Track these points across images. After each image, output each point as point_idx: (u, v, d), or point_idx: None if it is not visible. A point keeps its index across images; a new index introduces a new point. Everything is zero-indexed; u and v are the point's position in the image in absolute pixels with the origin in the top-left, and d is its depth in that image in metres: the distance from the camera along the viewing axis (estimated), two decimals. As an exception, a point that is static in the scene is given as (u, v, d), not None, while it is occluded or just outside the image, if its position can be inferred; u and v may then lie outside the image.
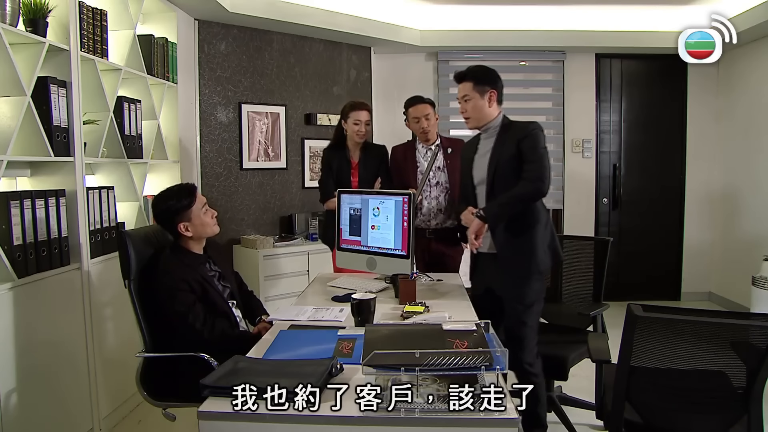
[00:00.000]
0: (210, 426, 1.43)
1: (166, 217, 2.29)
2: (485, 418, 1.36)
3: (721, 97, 5.28)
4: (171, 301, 2.17)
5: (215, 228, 2.37)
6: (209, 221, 2.33)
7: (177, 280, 2.18)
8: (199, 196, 2.34)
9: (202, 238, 2.35)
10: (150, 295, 2.23)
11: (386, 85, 5.40)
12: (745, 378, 1.70)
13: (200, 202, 2.32)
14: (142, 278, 2.25)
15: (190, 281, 2.20)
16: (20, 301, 2.32)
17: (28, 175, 2.65)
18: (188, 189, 2.33)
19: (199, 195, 2.34)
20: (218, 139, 4.32)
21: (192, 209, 2.29)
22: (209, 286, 2.28)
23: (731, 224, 5.16)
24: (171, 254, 2.29)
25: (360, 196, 2.95)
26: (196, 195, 2.33)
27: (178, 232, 2.28)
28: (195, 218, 2.29)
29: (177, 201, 2.28)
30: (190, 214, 2.28)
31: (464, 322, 1.85)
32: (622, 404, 1.80)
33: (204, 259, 2.37)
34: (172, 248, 2.32)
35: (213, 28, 4.22)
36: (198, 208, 2.30)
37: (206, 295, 2.25)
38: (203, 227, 2.31)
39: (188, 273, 2.22)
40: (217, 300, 2.29)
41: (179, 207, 2.27)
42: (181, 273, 2.20)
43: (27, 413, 2.35)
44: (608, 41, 5.11)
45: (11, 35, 2.31)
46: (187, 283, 2.19)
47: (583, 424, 2.88)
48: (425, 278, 2.95)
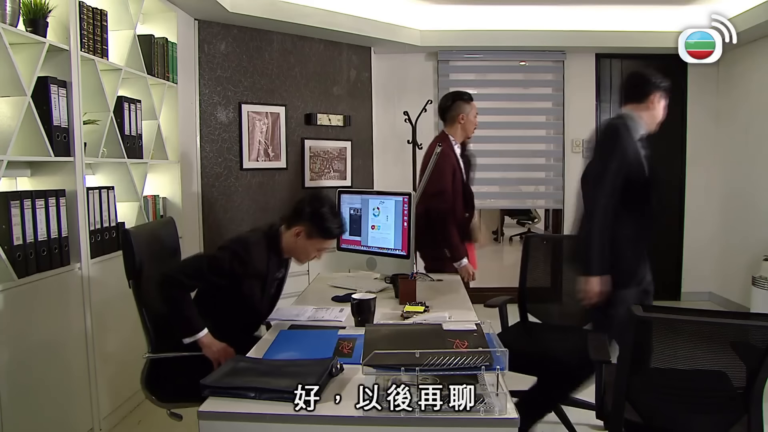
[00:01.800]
0: (210, 426, 1.43)
1: (305, 212, 2.21)
2: (485, 418, 1.37)
3: (721, 97, 5.28)
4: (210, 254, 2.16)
5: (304, 262, 2.34)
6: (309, 255, 2.28)
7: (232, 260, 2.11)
8: (331, 243, 2.32)
9: (291, 253, 2.29)
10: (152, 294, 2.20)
11: (386, 85, 5.40)
12: (745, 378, 1.70)
13: (326, 244, 2.28)
14: None
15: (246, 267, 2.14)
16: (20, 301, 2.31)
17: (28, 175, 2.65)
18: (341, 227, 2.29)
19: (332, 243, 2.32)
20: (218, 139, 4.32)
21: (319, 239, 2.23)
22: (260, 283, 2.22)
23: (731, 224, 5.16)
24: (266, 240, 2.24)
25: (360, 196, 2.95)
26: (333, 241, 2.31)
27: (291, 227, 2.23)
28: (309, 244, 2.23)
29: (329, 221, 2.21)
30: (314, 237, 2.22)
31: (464, 322, 1.85)
32: (622, 404, 1.80)
33: (284, 262, 2.35)
34: (271, 236, 2.26)
35: (213, 28, 4.22)
36: (319, 244, 2.25)
37: (243, 292, 2.19)
38: (302, 252, 2.26)
39: (255, 262, 2.16)
40: (247, 303, 2.22)
41: (319, 225, 2.20)
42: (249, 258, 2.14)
43: (27, 413, 2.35)
44: (608, 41, 5.10)
45: (11, 35, 2.31)
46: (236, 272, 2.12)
47: (583, 424, 2.88)
48: (425, 278, 2.96)
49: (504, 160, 5.56)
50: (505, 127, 5.48)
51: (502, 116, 5.49)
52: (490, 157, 5.59)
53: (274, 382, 1.51)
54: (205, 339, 2.06)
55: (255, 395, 1.48)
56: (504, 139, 5.52)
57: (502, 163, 5.58)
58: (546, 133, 5.60)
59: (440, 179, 3.11)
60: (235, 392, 1.50)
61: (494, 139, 5.53)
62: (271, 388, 1.48)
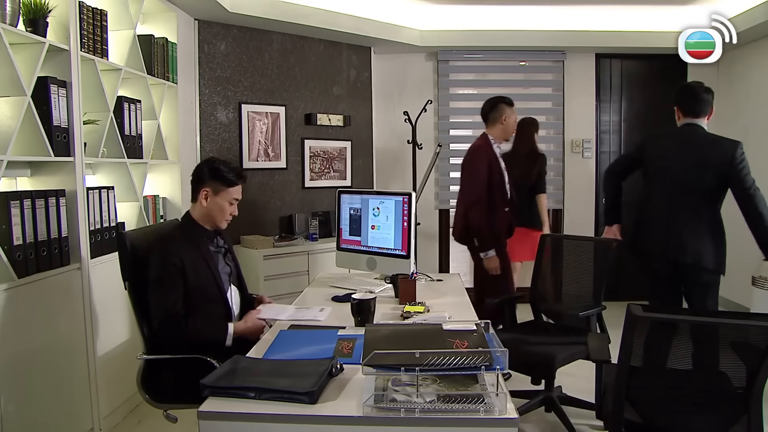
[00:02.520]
0: (210, 426, 1.43)
1: (203, 173, 2.27)
2: (485, 418, 1.36)
3: (720, 97, 5.25)
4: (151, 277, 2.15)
5: (224, 223, 2.34)
6: (223, 213, 2.30)
7: (166, 263, 2.13)
8: (240, 189, 2.32)
9: (208, 219, 2.31)
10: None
11: (386, 85, 5.40)
12: (744, 378, 1.70)
13: (235, 193, 2.30)
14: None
15: (183, 260, 2.15)
16: (20, 301, 2.31)
17: (28, 175, 2.65)
18: (241, 173, 2.32)
19: (240, 188, 2.33)
20: (218, 139, 4.32)
21: (226, 189, 2.27)
22: (206, 267, 2.23)
23: (731, 224, 5.15)
24: (180, 226, 2.32)
25: (360, 196, 2.95)
26: (239, 185, 2.31)
27: (197, 196, 2.27)
28: (219, 198, 2.27)
29: (225, 170, 2.27)
30: (220, 191, 2.27)
31: (464, 321, 1.85)
32: (622, 404, 1.80)
33: (212, 234, 2.35)
34: (183, 220, 2.34)
35: (213, 28, 4.22)
36: (229, 194, 2.29)
37: (197, 277, 2.19)
38: (218, 211, 2.29)
39: (185, 251, 2.18)
40: (208, 284, 2.23)
41: (220, 175, 2.25)
42: (176, 250, 2.16)
43: (27, 413, 2.35)
44: (608, 41, 5.10)
45: (11, 35, 2.31)
46: (174, 264, 2.13)
47: (583, 424, 2.88)
48: (425, 278, 2.96)
49: (504, 160, 5.57)
50: (505, 127, 5.49)
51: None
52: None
53: (274, 382, 1.51)
54: (236, 329, 2.18)
55: (255, 395, 1.48)
56: (504, 139, 5.53)
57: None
58: (546, 133, 5.59)
59: (472, 170, 3.44)
60: (234, 392, 1.50)
61: (494, 139, 5.55)
62: (271, 388, 1.48)
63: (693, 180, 2.82)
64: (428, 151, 5.00)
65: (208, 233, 2.33)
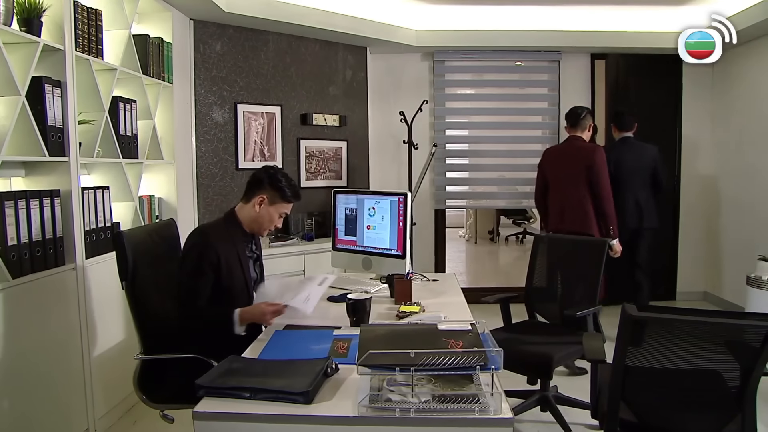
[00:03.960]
0: (205, 426, 1.43)
1: (263, 180, 2.31)
2: (480, 417, 1.37)
3: (716, 97, 5.30)
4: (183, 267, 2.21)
5: (265, 232, 2.39)
6: (271, 223, 2.35)
7: (203, 256, 2.17)
8: (292, 205, 2.39)
9: (254, 224, 2.35)
10: (146, 296, 2.21)
11: (382, 85, 5.40)
12: (739, 377, 1.70)
13: (287, 208, 2.37)
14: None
15: (220, 258, 2.20)
16: (15, 301, 2.31)
17: (23, 175, 2.64)
18: (298, 192, 2.38)
19: (292, 205, 2.39)
20: (214, 139, 4.31)
21: (280, 203, 2.33)
22: (239, 269, 2.29)
23: (726, 224, 5.18)
24: (223, 221, 2.35)
25: (355, 196, 2.95)
26: (292, 203, 2.37)
27: (251, 199, 2.31)
28: (273, 208, 2.32)
29: (285, 185, 2.31)
30: (276, 203, 2.32)
31: (459, 321, 1.85)
32: (617, 404, 1.80)
33: (249, 238, 2.41)
34: (227, 216, 2.37)
35: (209, 28, 4.22)
36: (281, 208, 2.34)
37: (230, 277, 2.24)
38: (265, 220, 2.34)
39: (223, 248, 2.22)
40: (238, 286, 2.28)
41: (279, 188, 2.30)
42: (215, 246, 2.20)
43: (22, 413, 2.34)
44: (604, 41, 5.12)
45: (5, 35, 2.30)
46: (211, 260, 2.18)
47: (579, 423, 2.88)
48: (420, 278, 2.96)
49: (500, 160, 5.58)
50: (500, 127, 5.50)
51: (497, 116, 5.50)
52: (486, 157, 5.61)
53: (269, 382, 1.51)
54: (241, 317, 2.13)
55: (250, 395, 1.48)
56: (500, 139, 5.54)
57: (497, 162, 5.60)
58: (542, 133, 5.61)
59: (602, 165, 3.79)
60: (230, 392, 1.50)
61: (490, 139, 5.56)
62: (266, 388, 1.48)
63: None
64: (424, 151, 5.01)
65: (247, 236, 2.38)
